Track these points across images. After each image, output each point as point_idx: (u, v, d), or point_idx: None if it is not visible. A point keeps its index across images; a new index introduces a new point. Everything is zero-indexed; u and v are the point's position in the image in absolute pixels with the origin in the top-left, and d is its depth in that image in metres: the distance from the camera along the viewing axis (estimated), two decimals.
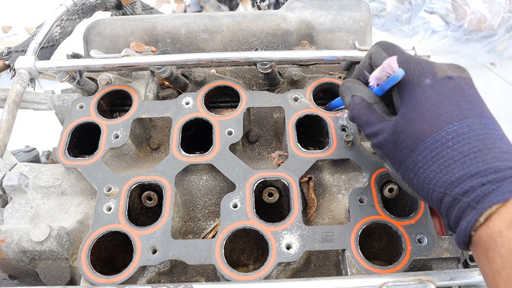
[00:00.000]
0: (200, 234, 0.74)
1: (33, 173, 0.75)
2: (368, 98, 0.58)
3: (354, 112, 0.58)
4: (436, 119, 0.49)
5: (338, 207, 0.73)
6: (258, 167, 0.77)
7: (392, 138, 0.52)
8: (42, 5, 3.57)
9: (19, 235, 0.66)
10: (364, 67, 0.61)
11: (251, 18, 0.96)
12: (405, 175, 0.52)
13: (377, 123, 0.55)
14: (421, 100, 0.50)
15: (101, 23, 0.97)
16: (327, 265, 0.70)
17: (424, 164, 0.49)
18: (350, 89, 0.60)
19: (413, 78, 0.52)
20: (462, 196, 0.45)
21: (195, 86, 0.90)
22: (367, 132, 0.57)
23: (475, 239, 0.44)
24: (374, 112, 0.56)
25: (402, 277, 0.55)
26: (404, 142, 0.51)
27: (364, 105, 0.57)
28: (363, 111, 0.57)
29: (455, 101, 0.50)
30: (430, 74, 0.52)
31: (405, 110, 0.52)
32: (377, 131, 0.55)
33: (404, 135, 0.51)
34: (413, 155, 0.50)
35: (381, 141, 0.54)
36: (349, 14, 0.96)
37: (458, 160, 0.46)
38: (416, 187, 0.51)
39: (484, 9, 3.16)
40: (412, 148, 0.50)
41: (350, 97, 0.59)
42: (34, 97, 0.88)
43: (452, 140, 0.47)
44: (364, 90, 0.59)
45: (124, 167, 0.79)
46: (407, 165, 0.51)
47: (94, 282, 0.61)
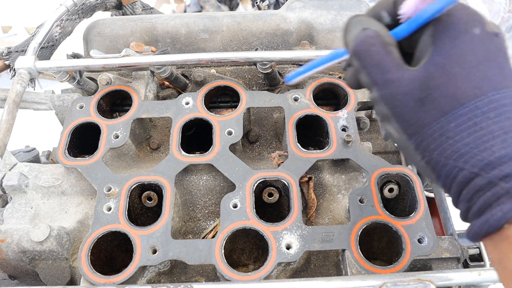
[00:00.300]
0: (200, 234, 0.74)
1: (33, 173, 0.75)
2: (386, 35, 0.45)
3: (362, 46, 0.44)
4: (482, 80, 0.40)
5: (338, 207, 0.73)
6: (258, 167, 0.77)
7: (417, 93, 0.42)
8: (42, 5, 3.57)
9: (19, 235, 0.66)
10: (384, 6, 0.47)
11: (251, 18, 0.96)
12: (422, 145, 0.42)
13: (393, 69, 0.43)
14: (467, 52, 0.41)
15: (101, 23, 0.97)
16: (327, 265, 0.70)
17: (456, 134, 0.40)
18: (362, 23, 0.46)
19: (459, 22, 0.42)
20: (500, 181, 0.38)
21: (195, 86, 0.90)
22: (377, 77, 0.44)
23: (505, 233, 0.38)
24: (391, 55, 0.44)
25: (402, 277, 0.55)
26: (435, 101, 0.41)
27: (379, 41, 0.44)
28: (376, 48, 0.44)
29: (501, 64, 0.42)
30: (480, 24, 0.42)
31: (443, 60, 0.41)
32: (392, 78, 0.43)
33: (438, 92, 0.41)
34: (443, 120, 0.41)
35: (398, 93, 0.43)
36: (349, 14, 0.96)
37: (498, 136, 0.39)
38: (435, 161, 0.42)
39: (484, 9, 3.16)
40: (444, 111, 0.40)
41: (361, 29, 0.45)
42: (34, 97, 0.88)
43: (495, 111, 0.39)
44: (381, 26, 0.46)
45: (124, 167, 0.79)
46: (430, 132, 0.41)
47: (94, 282, 0.61)
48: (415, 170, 0.75)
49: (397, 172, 0.70)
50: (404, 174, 0.70)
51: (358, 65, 0.45)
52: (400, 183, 0.73)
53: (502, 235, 0.38)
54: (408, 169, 0.71)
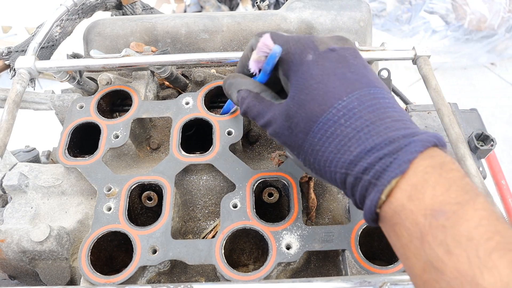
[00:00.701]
0: (200, 234, 0.74)
1: (33, 173, 0.75)
2: (254, 88, 0.55)
3: (244, 106, 0.55)
4: (324, 96, 0.46)
5: (338, 207, 0.73)
6: (258, 167, 0.77)
7: (285, 123, 0.50)
8: (42, 5, 3.57)
9: (19, 235, 0.66)
10: (246, 59, 0.57)
11: (251, 18, 0.96)
12: (306, 161, 0.50)
13: (268, 111, 0.52)
14: (306, 79, 0.48)
15: (101, 23, 0.97)
16: (327, 265, 0.70)
17: (321, 146, 0.46)
18: (234, 85, 0.57)
19: (294, 57, 0.50)
20: (362, 174, 0.43)
21: (195, 86, 0.90)
22: (261, 122, 0.53)
23: (382, 216, 0.43)
24: (263, 101, 0.53)
25: (402, 277, 0.55)
26: (297, 126, 0.48)
27: (251, 96, 0.54)
28: (252, 103, 0.54)
29: (341, 74, 0.47)
30: (312, 49, 0.49)
31: (294, 92, 0.49)
32: (270, 119, 0.52)
33: (297, 118, 0.48)
34: (309, 138, 0.47)
35: (276, 129, 0.51)
36: (349, 14, 0.96)
37: (353, 137, 0.44)
38: (319, 171, 0.48)
39: (484, 9, 3.16)
40: (306, 131, 0.48)
41: (236, 92, 0.56)
42: (34, 97, 0.88)
43: (344, 117, 0.45)
44: (248, 82, 0.56)
45: (124, 167, 0.79)
46: (305, 150, 0.49)
47: (94, 282, 0.61)
48: None
49: None
50: None
51: (251, 117, 0.55)
52: None
53: (380, 219, 0.44)
54: None
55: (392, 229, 0.42)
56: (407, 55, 0.81)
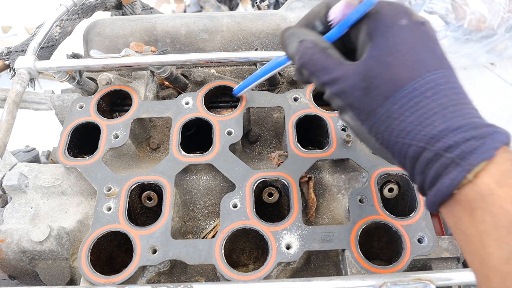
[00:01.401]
0: (200, 234, 0.74)
1: (33, 173, 0.75)
2: (321, 42, 0.51)
3: (305, 57, 0.51)
4: (415, 64, 0.45)
5: (338, 207, 0.73)
6: (258, 167, 0.77)
7: (362, 83, 0.47)
8: (42, 5, 3.57)
9: (19, 235, 0.66)
10: (316, 16, 0.53)
11: (251, 18, 0.96)
12: (374, 127, 0.47)
13: (337, 68, 0.49)
14: (397, 42, 0.46)
15: (101, 23, 0.97)
16: (327, 265, 0.70)
17: (401, 114, 0.44)
18: (297, 35, 0.52)
19: (386, 18, 0.47)
20: (445, 152, 0.41)
21: (195, 86, 0.90)
22: (325, 79, 0.49)
23: (457, 198, 0.41)
24: (330, 57, 0.49)
25: (402, 277, 0.55)
26: (377, 88, 0.45)
27: (318, 48, 0.50)
28: (317, 56, 0.50)
29: (432, 48, 0.46)
30: (406, 15, 0.47)
31: (379, 52, 0.46)
32: (337, 76, 0.48)
33: (379, 80, 0.45)
34: (387, 103, 0.45)
35: (345, 87, 0.48)
36: None
37: (438, 112, 0.42)
38: (387, 141, 0.46)
39: (483, 9, 3.16)
40: (387, 96, 0.45)
41: (298, 42, 0.52)
42: (34, 97, 0.88)
43: (431, 90, 0.43)
44: (314, 34, 0.52)
45: (124, 167, 0.79)
46: (378, 116, 0.46)
47: (94, 282, 0.61)
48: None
49: (397, 172, 0.70)
50: (404, 174, 0.70)
51: (307, 73, 0.51)
52: (400, 183, 0.73)
53: (454, 200, 0.42)
54: None
55: (470, 213, 0.40)
56: None
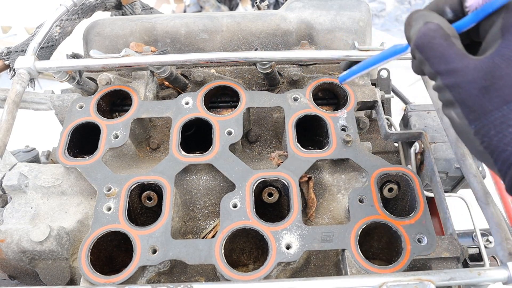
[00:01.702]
0: (200, 234, 0.74)
1: (33, 173, 0.75)
2: (447, 28, 0.47)
3: (425, 38, 0.47)
4: None
5: (337, 207, 0.73)
6: (257, 167, 0.77)
7: (482, 81, 0.44)
8: (42, 5, 3.57)
9: (19, 235, 0.66)
10: (448, 2, 0.50)
11: (250, 18, 0.96)
12: (483, 130, 0.45)
13: (457, 59, 0.46)
14: None
15: (100, 23, 0.97)
16: (327, 265, 0.70)
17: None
18: (425, 16, 0.49)
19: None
20: None
21: (194, 86, 0.90)
22: (441, 67, 0.47)
23: None
24: (453, 46, 0.46)
25: (402, 276, 0.55)
26: (499, 90, 0.43)
27: (441, 34, 0.47)
28: (439, 41, 0.47)
29: None
30: None
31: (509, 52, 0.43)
32: (456, 68, 0.45)
33: (503, 82, 0.43)
34: (506, 108, 0.43)
35: (462, 81, 0.45)
36: (349, 14, 0.96)
37: None
38: (494, 146, 0.44)
39: None
40: (507, 100, 0.43)
41: (423, 24, 0.48)
42: (34, 97, 0.88)
43: None
44: (442, 20, 0.48)
45: (124, 167, 0.79)
46: (491, 119, 0.44)
47: (94, 282, 0.61)
48: (414, 170, 0.75)
49: (397, 172, 0.70)
50: (404, 174, 0.70)
51: (421, 57, 0.48)
52: (400, 183, 0.73)
53: None
54: (408, 169, 0.71)
55: None
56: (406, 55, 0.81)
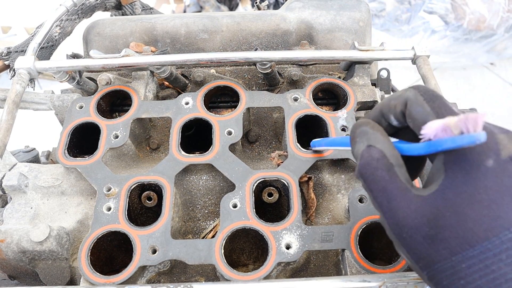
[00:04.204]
0: (200, 234, 0.74)
1: (33, 173, 0.75)
2: (391, 156, 0.44)
3: (367, 169, 0.44)
4: (493, 221, 0.39)
5: (337, 207, 0.73)
6: (257, 167, 0.77)
7: (426, 228, 0.41)
8: (42, 5, 3.57)
9: (19, 235, 0.66)
10: (391, 111, 0.47)
11: (250, 18, 0.96)
12: (435, 279, 0.42)
13: (399, 197, 0.42)
14: (479, 191, 0.40)
15: (100, 23, 0.97)
16: (326, 265, 0.70)
17: (468, 275, 0.39)
18: (368, 136, 0.46)
19: (472, 154, 0.40)
20: None
21: (194, 86, 0.90)
22: (383, 204, 0.43)
23: None
24: (396, 180, 0.43)
25: (402, 276, 0.55)
26: (445, 241, 0.40)
27: (383, 164, 0.43)
28: (380, 173, 0.43)
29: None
30: (494, 153, 0.40)
31: (455, 198, 0.40)
32: (397, 208, 0.42)
33: (449, 233, 0.40)
34: (454, 260, 0.40)
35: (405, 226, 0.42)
36: (349, 14, 0.96)
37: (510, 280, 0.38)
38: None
39: (483, 9, 3.17)
40: (454, 252, 0.40)
41: (366, 146, 0.45)
42: (33, 97, 0.88)
43: (507, 252, 0.38)
44: (387, 144, 0.45)
45: (124, 167, 0.79)
46: (442, 269, 0.41)
47: (94, 282, 0.61)
48: None
49: None
50: None
51: (364, 185, 0.45)
52: None
53: None
54: None
55: None
56: (406, 55, 0.81)
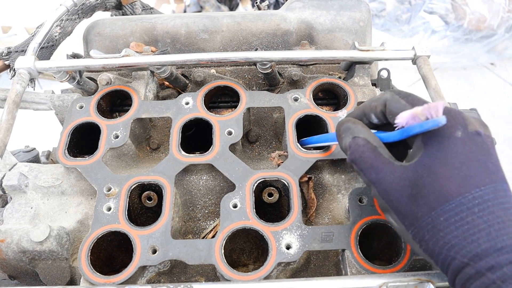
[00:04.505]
0: (200, 234, 0.74)
1: (33, 173, 0.75)
2: (373, 140, 0.53)
3: (356, 154, 0.53)
4: (464, 179, 0.46)
5: (337, 207, 0.73)
6: (258, 167, 0.77)
7: (408, 189, 0.48)
8: (42, 5, 3.58)
9: (19, 235, 0.66)
10: (372, 110, 0.56)
11: (251, 18, 0.96)
12: (418, 235, 0.48)
13: (385, 169, 0.50)
14: (450, 155, 0.47)
15: (101, 23, 0.97)
16: (326, 265, 0.70)
17: (446, 227, 0.45)
18: (352, 130, 0.55)
19: (444, 128, 0.48)
20: (487, 271, 0.42)
21: (195, 86, 0.90)
22: (371, 177, 0.51)
23: None
24: (380, 157, 0.51)
25: (402, 277, 0.55)
26: (424, 198, 0.47)
27: (368, 147, 0.52)
28: (367, 154, 0.52)
29: (483, 162, 0.47)
30: (462, 126, 0.48)
31: (430, 162, 0.48)
32: (384, 177, 0.50)
33: (427, 190, 0.47)
34: (433, 214, 0.46)
35: (390, 190, 0.49)
36: (349, 14, 0.96)
37: (483, 230, 0.44)
38: (431, 250, 0.47)
39: (483, 9, 3.17)
40: (433, 207, 0.46)
41: (351, 138, 0.54)
42: (34, 97, 0.88)
43: (478, 206, 0.45)
44: (368, 132, 0.54)
45: (124, 167, 0.79)
46: (423, 225, 0.47)
47: (94, 282, 0.61)
48: None
49: None
50: None
51: (356, 169, 0.53)
52: None
53: None
54: None
55: None
56: (406, 55, 0.81)
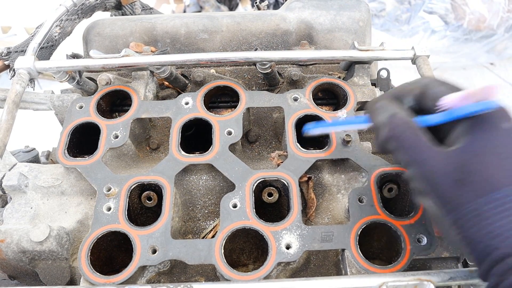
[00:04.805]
0: (199, 234, 0.74)
1: (33, 173, 0.75)
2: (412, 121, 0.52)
3: (396, 131, 0.51)
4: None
5: (337, 207, 0.73)
6: (257, 167, 0.77)
7: (454, 174, 0.47)
8: (42, 5, 3.57)
9: (18, 235, 0.66)
10: (409, 93, 0.54)
11: (250, 18, 0.96)
12: (460, 222, 0.47)
13: (426, 151, 0.49)
14: (498, 144, 0.47)
15: (100, 23, 0.97)
16: (326, 265, 0.70)
17: (491, 216, 0.44)
18: (388, 108, 0.53)
19: (490, 118, 0.48)
20: None
21: (194, 86, 0.90)
22: (412, 157, 0.49)
23: None
24: (421, 139, 0.50)
25: (402, 276, 0.55)
26: (471, 184, 0.46)
27: (410, 126, 0.50)
28: (407, 134, 0.50)
29: None
30: (507, 119, 0.49)
31: (479, 150, 0.47)
32: (426, 159, 0.48)
33: (474, 176, 0.46)
34: (479, 202, 0.45)
35: (434, 173, 0.48)
36: (349, 14, 0.96)
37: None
38: (470, 238, 0.46)
39: (483, 9, 3.17)
40: (480, 194, 0.45)
41: (389, 115, 0.52)
42: (33, 97, 0.88)
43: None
44: (405, 112, 0.52)
45: (124, 167, 0.79)
46: (467, 211, 0.46)
47: (94, 282, 0.61)
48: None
49: (397, 172, 0.70)
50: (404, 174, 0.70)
51: (395, 146, 0.51)
52: (400, 183, 0.73)
53: None
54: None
55: None
56: (406, 55, 0.81)
